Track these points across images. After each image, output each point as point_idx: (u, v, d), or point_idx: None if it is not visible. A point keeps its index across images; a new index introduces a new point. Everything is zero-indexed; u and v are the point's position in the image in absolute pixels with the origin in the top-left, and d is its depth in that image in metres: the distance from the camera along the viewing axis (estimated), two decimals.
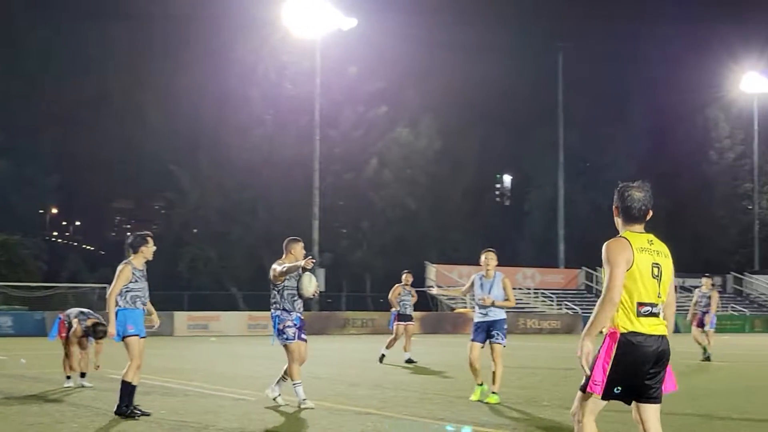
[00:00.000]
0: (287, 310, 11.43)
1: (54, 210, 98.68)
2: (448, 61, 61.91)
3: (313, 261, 11.42)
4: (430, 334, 37.55)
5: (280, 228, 52.51)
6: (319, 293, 27.31)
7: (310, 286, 11.47)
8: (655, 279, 5.69)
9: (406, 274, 21.01)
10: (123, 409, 10.40)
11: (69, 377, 14.06)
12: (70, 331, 14.03)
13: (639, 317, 5.62)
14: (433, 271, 50.23)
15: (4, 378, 15.66)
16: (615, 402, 5.79)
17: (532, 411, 11.39)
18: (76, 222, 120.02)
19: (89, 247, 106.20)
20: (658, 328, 5.68)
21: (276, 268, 11.42)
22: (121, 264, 10.79)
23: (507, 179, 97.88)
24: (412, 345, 20.64)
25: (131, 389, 10.56)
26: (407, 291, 20.74)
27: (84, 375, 14.01)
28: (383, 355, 19.98)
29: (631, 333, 5.60)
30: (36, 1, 60.95)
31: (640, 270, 5.64)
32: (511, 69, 66.77)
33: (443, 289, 38.11)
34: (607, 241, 5.73)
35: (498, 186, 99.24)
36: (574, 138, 62.56)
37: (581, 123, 65.20)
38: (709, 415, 10.99)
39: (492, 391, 12.22)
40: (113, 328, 10.50)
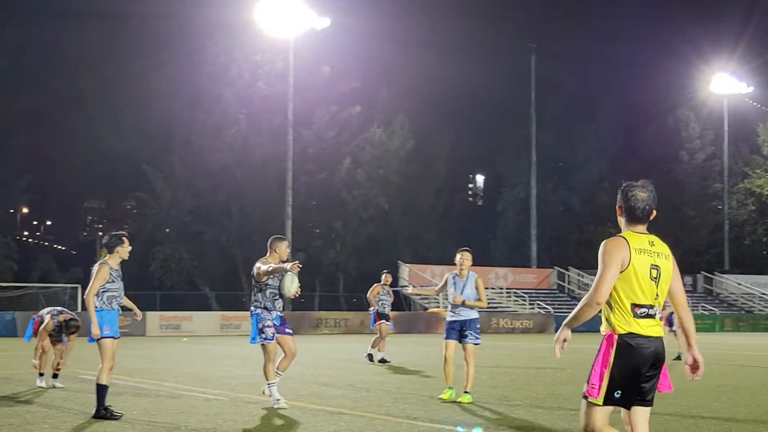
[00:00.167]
0: (268, 308, 11.45)
1: (25, 209, 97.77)
2: (421, 61, 62.12)
3: (300, 266, 11.41)
4: (403, 333, 37.60)
5: (253, 228, 52.51)
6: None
7: (291, 286, 11.48)
8: (654, 281, 5.62)
9: (385, 274, 21.26)
10: (102, 413, 10.32)
11: (42, 374, 13.95)
12: (41, 326, 13.99)
13: (636, 318, 5.57)
14: (407, 271, 50.27)
15: None
16: None
17: (503, 410, 11.44)
18: (47, 222, 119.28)
19: (60, 247, 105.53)
20: (654, 329, 5.63)
21: (261, 267, 11.39)
22: (97, 264, 10.71)
23: (480, 179, 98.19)
24: (385, 345, 20.72)
25: (106, 391, 10.51)
26: (386, 291, 20.94)
27: (56, 375, 13.92)
28: (371, 355, 20.11)
29: (629, 334, 5.55)
30: (7, 0, 60.36)
31: (636, 271, 5.55)
32: (484, 69, 67.23)
33: (416, 289, 37.95)
34: (605, 240, 5.66)
35: (471, 186, 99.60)
36: (546, 138, 62.89)
37: (553, 123, 65.57)
38: (680, 414, 11.06)
39: (464, 391, 12.27)
40: (97, 329, 10.38)
